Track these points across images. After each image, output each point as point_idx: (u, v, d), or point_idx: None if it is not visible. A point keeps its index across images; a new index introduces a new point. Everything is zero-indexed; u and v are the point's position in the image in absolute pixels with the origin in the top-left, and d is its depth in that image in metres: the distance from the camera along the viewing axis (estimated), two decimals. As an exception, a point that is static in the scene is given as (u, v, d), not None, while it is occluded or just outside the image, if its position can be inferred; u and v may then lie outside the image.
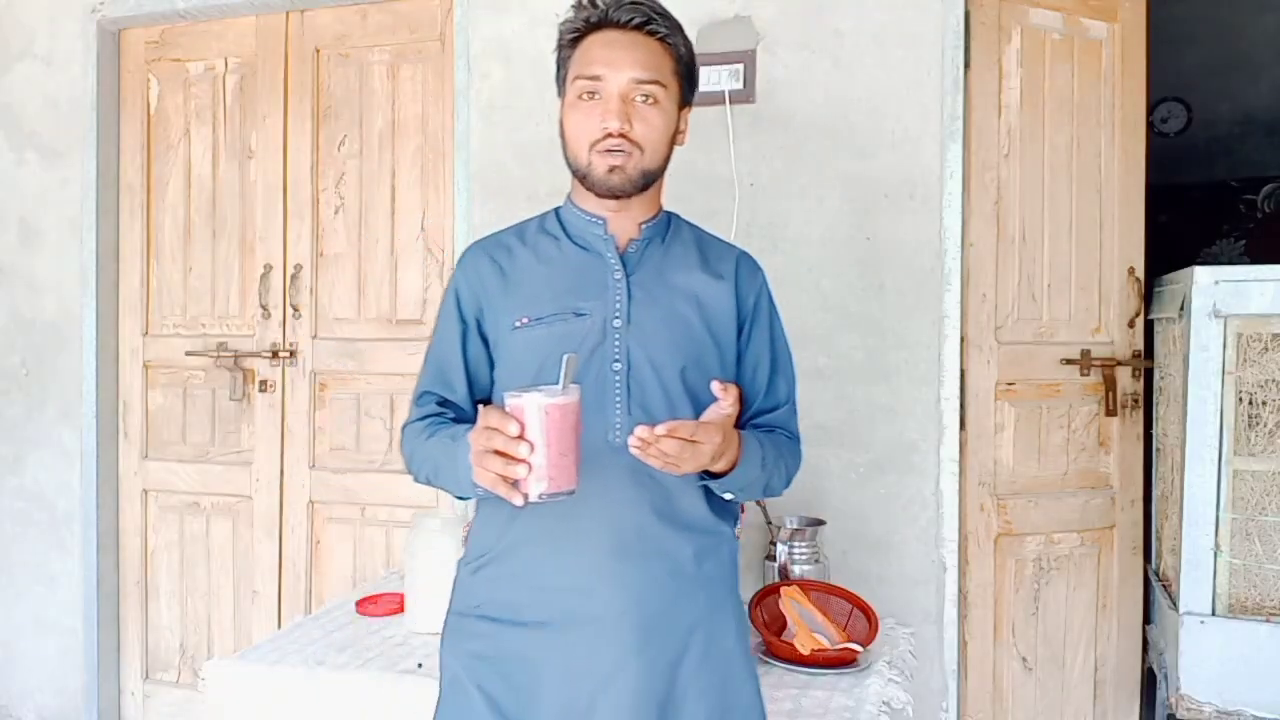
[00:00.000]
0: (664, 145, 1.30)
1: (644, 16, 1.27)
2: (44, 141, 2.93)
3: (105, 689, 2.93)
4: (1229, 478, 2.06)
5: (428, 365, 1.37)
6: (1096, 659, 2.47)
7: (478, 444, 1.10)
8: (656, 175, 1.32)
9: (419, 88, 2.70)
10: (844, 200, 2.30)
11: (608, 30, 1.28)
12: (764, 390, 1.37)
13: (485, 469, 1.10)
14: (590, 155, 1.27)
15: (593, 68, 1.26)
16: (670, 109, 1.29)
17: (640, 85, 1.25)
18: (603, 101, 1.25)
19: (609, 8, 1.27)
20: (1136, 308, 2.47)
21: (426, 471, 1.30)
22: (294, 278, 2.79)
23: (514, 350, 1.29)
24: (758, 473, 1.28)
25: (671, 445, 1.11)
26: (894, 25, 2.27)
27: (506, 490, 1.09)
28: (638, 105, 1.26)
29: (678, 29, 1.31)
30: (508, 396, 1.10)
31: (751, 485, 1.30)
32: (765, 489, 1.33)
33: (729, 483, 1.26)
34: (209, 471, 2.88)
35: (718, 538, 1.32)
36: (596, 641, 1.23)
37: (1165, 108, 4.46)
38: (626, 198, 1.29)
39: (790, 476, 1.38)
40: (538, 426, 1.07)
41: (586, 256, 1.32)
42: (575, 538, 1.24)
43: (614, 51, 1.26)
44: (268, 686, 1.80)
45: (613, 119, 1.24)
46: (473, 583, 1.32)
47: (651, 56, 1.27)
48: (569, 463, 1.09)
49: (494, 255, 1.35)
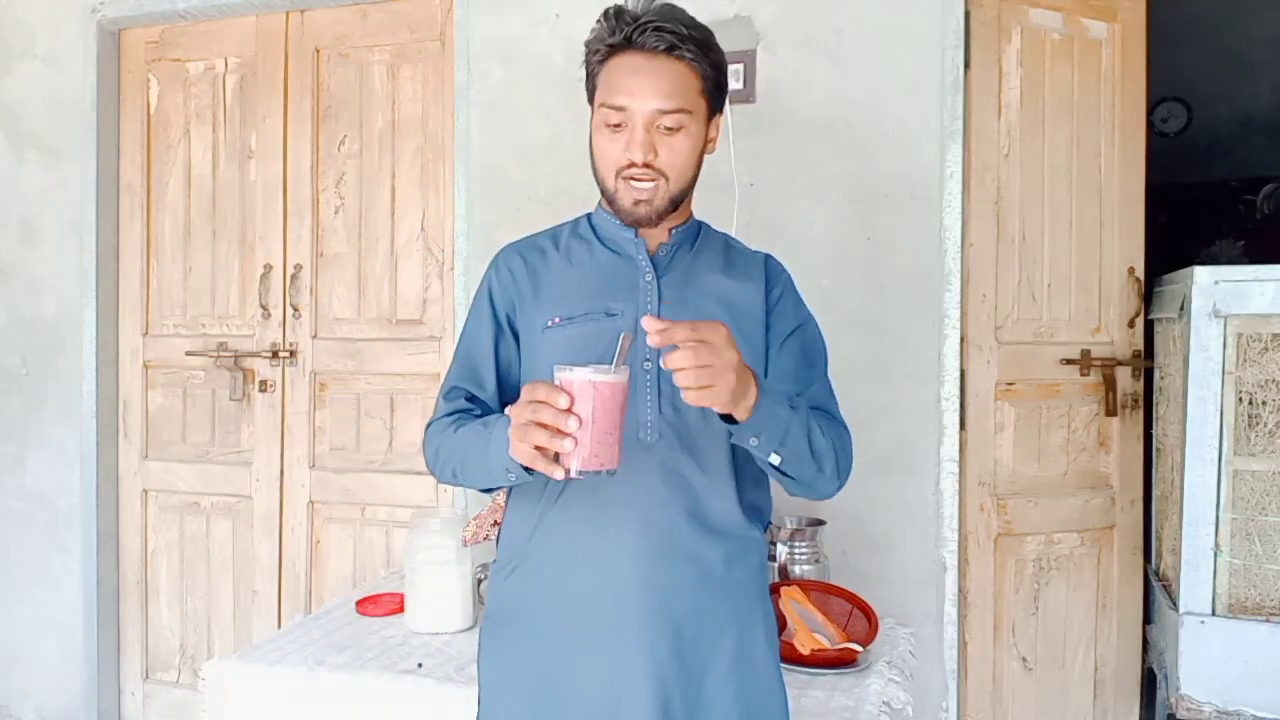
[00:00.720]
0: (691, 167, 1.31)
1: (668, 43, 1.25)
2: (44, 141, 2.93)
3: (105, 689, 2.93)
4: (1229, 478, 2.06)
5: (457, 361, 1.38)
6: (1096, 659, 2.47)
7: (522, 416, 1.08)
8: (684, 196, 1.33)
9: (419, 88, 2.70)
10: (844, 200, 2.30)
11: (634, 55, 1.26)
12: (792, 377, 1.33)
13: (527, 442, 1.07)
14: (616, 182, 1.28)
15: (617, 98, 1.25)
16: (696, 130, 1.29)
17: (665, 115, 1.25)
18: (628, 132, 1.26)
19: (634, 31, 1.25)
20: (1136, 308, 2.47)
21: (454, 464, 1.28)
22: (294, 278, 2.79)
23: (546, 349, 1.29)
24: (788, 414, 1.17)
25: (682, 333, 1.04)
26: (894, 25, 2.27)
27: (546, 464, 1.07)
28: (662, 134, 1.26)
29: (704, 46, 1.28)
30: (558, 370, 1.09)
31: (791, 436, 1.17)
32: (813, 454, 1.20)
33: (756, 424, 1.13)
34: (209, 471, 2.88)
35: (747, 542, 1.31)
36: (626, 645, 1.23)
37: (1165, 108, 4.46)
38: (653, 226, 1.31)
39: (843, 456, 1.27)
40: (587, 402, 1.06)
41: (618, 260, 1.34)
42: (605, 539, 1.25)
43: (638, 80, 1.25)
44: (267, 686, 1.80)
45: (636, 150, 1.25)
46: (505, 587, 1.33)
47: (676, 83, 1.25)
48: (613, 441, 1.09)
49: (527, 257, 1.37)
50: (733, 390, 1.07)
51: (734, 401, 1.08)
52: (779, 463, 1.18)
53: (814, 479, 1.24)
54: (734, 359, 1.07)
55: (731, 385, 1.06)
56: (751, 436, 1.15)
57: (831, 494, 1.30)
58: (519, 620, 1.30)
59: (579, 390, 1.07)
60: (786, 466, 1.20)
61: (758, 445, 1.16)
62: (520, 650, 1.29)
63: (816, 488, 1.27)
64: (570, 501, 1.26)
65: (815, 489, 1.27)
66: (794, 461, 1.19)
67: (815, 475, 1.23)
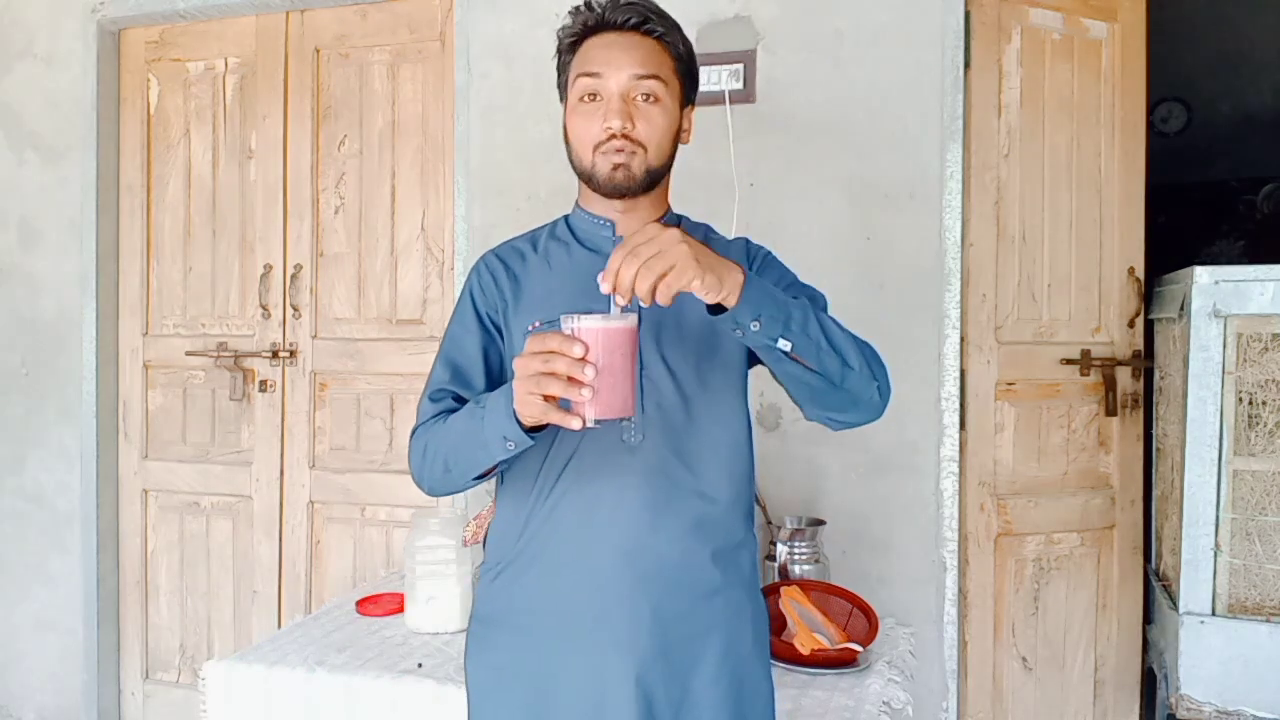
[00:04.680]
0: (668, 143, 1.30)
1: (640, 16, 1.28)
2: (44, 141, 2.93)
3: (105, 689, 2.93)
4: (1229, 478, 2.06)
5: (442, 366, 1.35)
6: (1096, 659, 2.47)
7: (531, 368, 1.04)
8: (662, 173, 1.32)
9: (419, 88, 2.70)
10: (844, 200, 2.30)
11: (605, 33, 1.28)
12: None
13: (539, 392, 1.04)
14: (594, 157, 1.27)
15: (592, 66, 1.27)
16: (672, 107, 1.29)
17: (641, 82, 1.26)
18: (604, 102, 1.26)
19: (605, 10, 1.28)
20: (1136, 308, 2.47)
21: (444, 454, 1.24)
22: (294, 278, 2.79)
23: None
24: (781, 296, 1.11)
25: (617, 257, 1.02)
26: (894, 25, 2.27)
27: (560, 416, 1.05)
28: (639, 104, 1.26)
29: (675, 28, 1.32)
30: (566, 319, 1.07)
31: (793, 318, 1.09)
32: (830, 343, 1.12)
33: (752, 304, 1.07)
34: (209, 471, 2.88)
35: (736, 540, 1.30)
36: (612, 646, 1.23)
37: (1165, 108, 4.46)
38: (633, 197, 1.30)
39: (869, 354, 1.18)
40: (598, 349, 1.04)
41: (596, 259, 1.32)
42: (591, 540, 1.24)
43: (612, 51, 1.27)
44: (267, 686, 1.80)
45: (614, 118, 1.25)
46: (492, 590, 1.32)
47: (650, 55, 1.28)
48: (628, 388, 1.07)
49: (507, 261, 1.36)
50: (698, 261, 1.02)
51: (709, 276, 1.03)
52: (791, 348, 1.09)
53: (843, 375, 1.13)
54: (675, 235, 1.03)
55: (690, 255, 1.01)
56: (752, 321, 1.07)
57: (876, 404, 1.19)
58: (506, 623, 1.29)
59: (591, 337, 1.04)
60: (804, 355, 1.10)
61: (760, 330, 1.07)
62: (508, 653, 1.28)
63: (854, 392, 1.16)
64: (558, 503, 1.25)
65: (854, 395, 1.16)
66: (810, 350, 1.10)
67: (843, 370, 1.13)
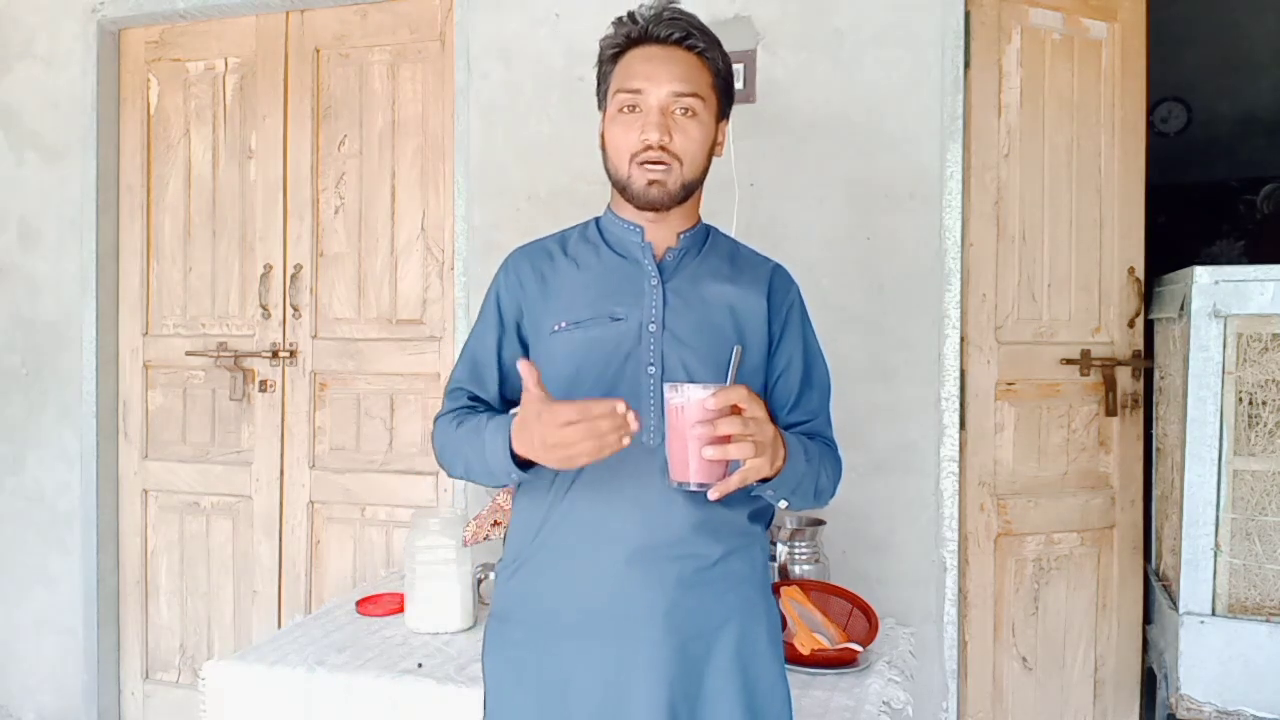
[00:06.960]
0: (703, 157, 1.33)
1: (683, 32, 1.30)
2: (44, 141, 2.93)
3: (105, 689, 2.93)
4: (1229, 478, 2.06)
5: (463, 361, 1.41)
6: (1096, 659, 2.47)
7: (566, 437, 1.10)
8: (695, 186, 1.35)
9: (419, 88, 2.70)
10: (844, 200, 2.30)
11: (648, 45, 1.31)
12: (794, 399, 1.38)
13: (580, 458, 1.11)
14: (631, 168, 1.30)
15: (633, 81, 1.29)
16: (708, 121, 1.32)
17: (679, 98, 1.28)
18: (643, 115, 1.29)
19: (649, 23, 1.30)
20: (1136, 308, 2.47)
21: (462, 462, 1.31)
22: (294, 278, 2.79)
23: (551, 353, 1.31)
24: (804, 467, 1.25)
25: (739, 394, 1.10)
26: (894, 25, 2.27)
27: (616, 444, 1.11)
28: (677, 117, 1.29)
29: (716, 44, 1.34)
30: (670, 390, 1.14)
31: (802, 485, 1.26)
32: (815, 492, 1.31)
33: (782, 482, 1.21)
34: (209, 471, 2.88)
35: (749, 538, 1.33)
36: (628, 642, 1.24)
37: (1165, 108, 4.46)
38: (665, 210, 1.33)
39: (835, 482, 1.37)
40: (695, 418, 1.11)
41: (624, 263, 1.35)
42: (608, 539, 1.26)
43: (654, 66, 1.29)
44: (267, 686, 1.80)
45: (652, 131, 1.27)
46: (510, 587, 1.34)
47: (690, 71, 1.30)
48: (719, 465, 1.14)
49: (535, 261, 1.38)
50: (769, 440, 1.14)
51: (773, 466, 1.16)
52: (781, 503, 1.26)
53: (802, 506, 1.33)
54: (773, 432, 1.15)
55: (776, 461, 1.16)
56: (770, 490, 1.22)
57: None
58: (524, 619, 1.31)
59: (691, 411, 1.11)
60: (789, 502, 1.27)
61: (773, 496, 1.23)
62: (525, 649, 1.30)
63: (800, 509, 1.39)
64: (575, 501, 1.27)
65: (798, 509, 1.40)
66: (795, 499, 1.27)
67: (806, 504, 1.33)
